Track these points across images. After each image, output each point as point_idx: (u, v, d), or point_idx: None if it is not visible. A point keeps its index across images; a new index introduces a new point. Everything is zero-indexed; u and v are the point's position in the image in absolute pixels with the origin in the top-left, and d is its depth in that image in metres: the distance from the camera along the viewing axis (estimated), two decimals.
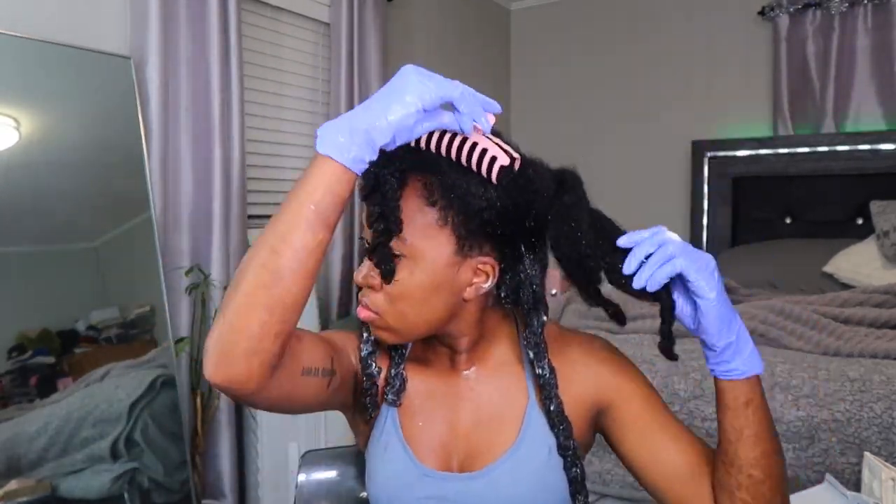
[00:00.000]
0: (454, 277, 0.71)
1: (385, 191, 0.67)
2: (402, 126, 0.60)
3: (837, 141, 2.98)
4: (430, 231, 0.69)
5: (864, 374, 1.49)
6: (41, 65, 1.72)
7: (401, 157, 0.67)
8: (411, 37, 3.26)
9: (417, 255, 0.69)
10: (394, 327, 0.72)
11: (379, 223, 0.68)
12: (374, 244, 0.68)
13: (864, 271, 2.54)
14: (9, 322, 1.63)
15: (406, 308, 0.71)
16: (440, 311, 0.72)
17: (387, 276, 0.69)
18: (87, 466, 1.70)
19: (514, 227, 0.70)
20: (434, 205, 0.68)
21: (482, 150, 0.66)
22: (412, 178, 0.69)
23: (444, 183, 0.68)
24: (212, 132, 2.11)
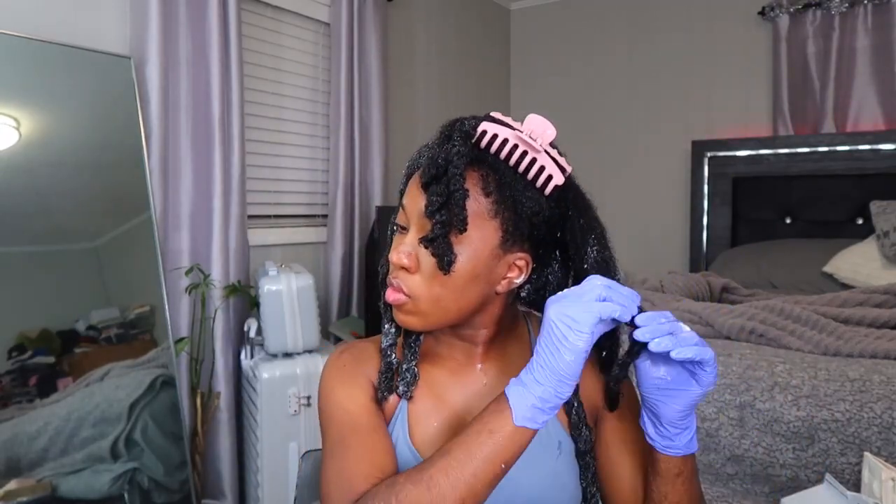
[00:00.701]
0: (493, 268, 0.72)
1: (451, 184, 0.68)
2: (581, 362, 0.62)
3: (837, 141, 2.98)
4: (481, 220, 0.70)
5: (864, 374, 1.49)
6: (41, 65, 1.72)
7: (465, 152, 0.69)
8: (411, 37, 3.26)
9: (466, 242, 0.70)
10: (424, 311, 0.72)
11: (441, 214, 0.68)
12: (435, 235, 0.69)
13: (863, 271, 2.55)
14: (9, 322, 1.63)
15: (443, 293, 0.71)
16: (473, 300, 0.73)
17: (447, 267, 0.69)
18: (87, 466, 1.70)
19: (554, 233, 0.74)
20: (489, 195, 0.69)
21: (540, 166, 0.70)
22: (470, 169, 0.70)
23: (501, 180, 0.70)
24: (212, 132, 2.11)
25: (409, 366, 0.79)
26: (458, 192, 0.68)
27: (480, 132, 0.71)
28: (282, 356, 2.07)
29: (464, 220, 0.68)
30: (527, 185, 0.70)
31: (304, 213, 2.70)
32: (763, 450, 1.52)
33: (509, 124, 0.71)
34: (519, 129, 0.71)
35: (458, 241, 0.69)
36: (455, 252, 0.69)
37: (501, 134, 0.70)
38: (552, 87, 3.97)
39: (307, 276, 2.10)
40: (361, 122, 2.71)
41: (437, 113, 3.43)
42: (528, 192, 0.70)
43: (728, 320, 1.82)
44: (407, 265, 0.72)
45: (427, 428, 0.78)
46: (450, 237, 0.69)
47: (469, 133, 0.71)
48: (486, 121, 0.72)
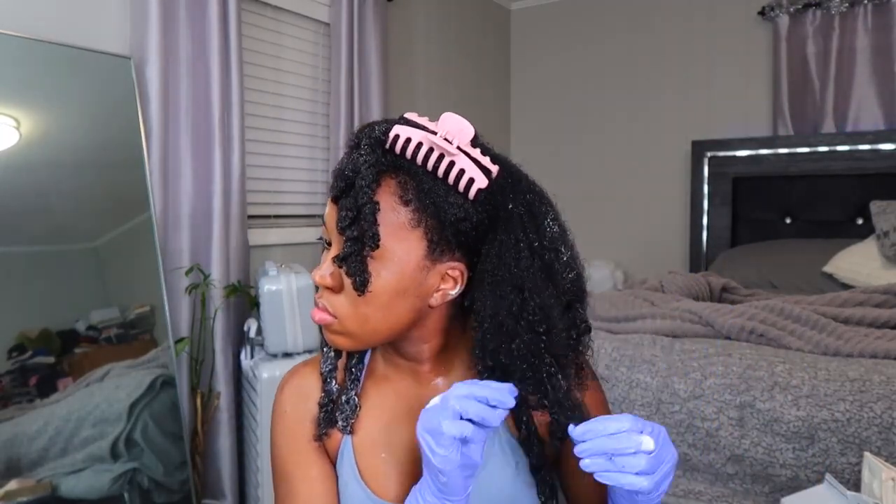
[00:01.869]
0: (422, 282, 0.67)
1: (359, 197, 0.63)
2: (460, 475, 0.60)
3: (837, 141, 2.98)
4: (402, 232, 0.65)
5: (864, 374, 1.49)
6: (41, 65, 1.72)
7: (375, 159, 0.64)
8: (411, 37, 3.26)
9: (386, 256, 0.65)
10: (352, 332, 0.68)
11: (352, 230, 0.64)
12: (346, 253, 0.64)
13: (864, 271, 2.55)
14: (9, 322, 1.63)
15: (370, 312, 0.66)
16: (404, 317, 0.68)
17: (361, 288, 0.65)
18: (87, 466, 1.70)
19: (486, 237, 0.67)
20: (408, 204, 0.64)
21: (459, 170, 0.64)
22: (385, 177, 0.65)
23: (420, 186, 0.64)
24: (212, 132, 2.11)
25: (348, 396, 0.75)
26: (368, 205, 0.63)
27: (393, 137, 0.65)
28: (282, 356, 2.07)
29: (375, 236, 0.63)
30: (449, 189, 0.65)
31: (304, 213, 2.70)
32: (763, 450, 1.52)
33: (424, 126, 0.66)
34: (434, 131, 0.65)
35: (379, 255, 0.65)
36: (369, 271, 0.65)
37: (414, 137, 0.65)
38: (552, 87, 3.97)
39: (307, 276, 2.10)
40: (361, 123, 2.70)
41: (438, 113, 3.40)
42: (450, 197, 0.65)
43: (728, 320, 1.82)
44: (330, 284, 0.68)
45: (374, 459, 0.73)
46: (363, 255, 0.64)
47: (379, 139, 0.66)
48: (400, 124, 0.66)
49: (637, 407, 1.67)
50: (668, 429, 1.63)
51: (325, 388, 0.75)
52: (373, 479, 0.73)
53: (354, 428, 0.75)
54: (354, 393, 0.75)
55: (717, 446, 1.57)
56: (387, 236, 0.64)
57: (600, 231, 3.71)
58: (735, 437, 1.55)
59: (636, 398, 1.68)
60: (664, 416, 1.64)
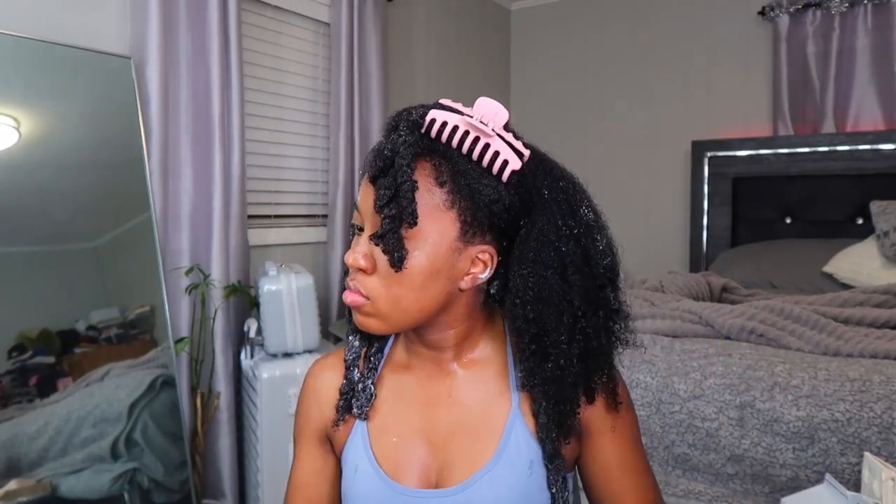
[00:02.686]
0: (454, 263, 0.68)
1: (399, 176, 0.65)
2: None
3: (837, 141, 2.98)
4: (436, 213, 0.66)
5: (864, 374, 1.49)
6: (41, 65, 1.72)
7: (414, 140, 0.66)
8: (411, 37, 3.26)
9: (421, 236, 0.66)
10: (384, 313, 0.69)
11: (390, 208, 0.65)
12: (384, 230, 0.66)
13: (864, 271, 2.55)
14: (9, 322, 1.63)
15: (402, 292, 0.68)
16: (435, 299, 0.69)
17: (398, 264, 0.66)
18: (87, 466, 1.70)
19: (519, 221, 0.70)
20: (443, 185, 0.66)
21: (494, 152, 0.66)
22: (421, 160, 0.67)
23: (455, 168, 0.66)
24: (212, 132, 2.11)
25: (365, 384, 0.77)
26: (406, 183, 0.65)
27: (429, 121, 0.67)
28: (282, 356, 2.07)
29: (413, 213, 0.65)
30: (483, 172, 0.67)
31: (304, 213, 2.70)
32: (763, 450, 1.52)
33: (459, 110, 0.68)
34: (469, 115, 0.67)
35: (413, 235, 0.66)
36: (407, 248, 0.66)
37: (451, 121, 0.67)
38: (552, 87, 3.97)
39: (307, 276, 2.10)
40: (361, 122, 2.71)
41: None
42: (484, 179, 0.67)
43: (728, 320, 1.82)
44: (363, 266, 0.69)
45: (387, 442, 0.76)
46: (400, 232, 0.66)
47: (417, 122, 0.68)
48: (435, 108, 0.69)
49: (637, 407, 1.67)
50: (668, 429, 1.63)
51: (347, 375, 0.78)
52: (385, 462, 0.75)
53: (369, 414, 0.77)
54: (371, 381, 0.78)
55: (717, 446, 1.57)
56: (422, 217, 0.66)
57: None
58: (735, 437, 1.55)
59: (636, 398, 1.68)
60: (664, 416, 1.64)
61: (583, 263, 0.69)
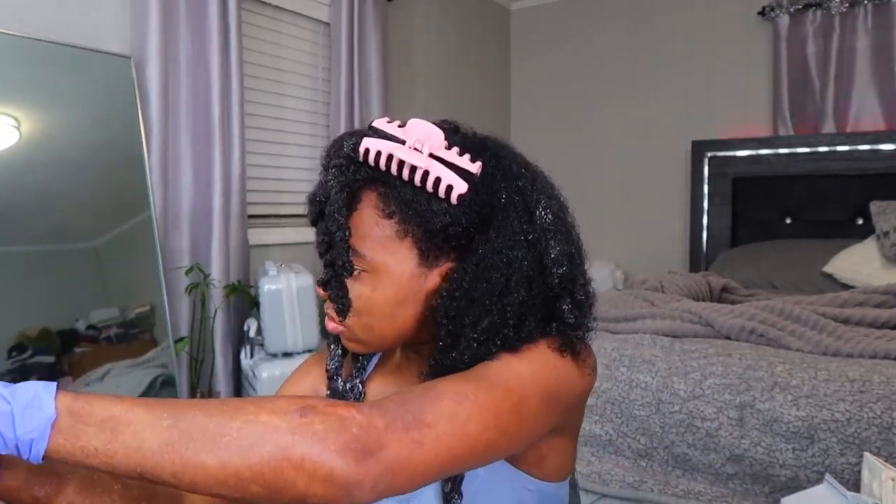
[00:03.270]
0: (420, 288, 0.65)
1: (330, 224, 0.63)
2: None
3: (837, 141, 2.98)
4: (390, 244, 0.64)
5: (864, 375, 1.49)
6: (41, 65, 1.72)
7: (351, 174, 0.63)
8: (411, 37, 3.26)
9: (379, 270, 0.64)
10: (362, 339, 0.69)
11: (329, 255, 0.64)
12: (325, 278, 0.65)
13: (863, 271, 2.55)
14: (9, 322, 1.63)
15: (373, 322, 0.66)
16: (408, 321, 0.67)
17: (343, 313, 0.65)
18: None
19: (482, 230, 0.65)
20: (391, 217, 0.63)
21: (436, 177, 0.61)
22: (365, 192, 0.64)
23: (400, 197, 0.62)
24: (212, 132, 2.11)
25: (353, 384, 0.76)
26: (338, 232, 0.62)
27: (363, 151, 0.63)
28: (281, 356, 2.07)
29: (347, 265, 0.63)
30: (430, 197, 0.62)
31: (303, 212, 2.69)
32: (763, 450, 1.52)
33: (392, 135, 0.63)
34: (402, 140, 0.62)
35: (372, 269, 0.64)
36: (349, 296, 0.65)
37: (384, 150, 0.62)
38: (552, 87, 3.97)
39: (307, 275, 2.10)
40: (361, 123, 2.71)
41: (438, 113, 3.42)
42: (433, 204, 0.62)
43: (728, 320, 1.82)
44: (326, 297, 0.68)
45: None
46: (342, 280, 0.64)
47: (350, 156, 0.63)
48: (368, 135, 0.64)
49: (637, 407, 1.67)
50: (668, 429, 1.63)
51: (330, 385, 0.77)
52: None
53: None
54: (359, 381, 0.77)
55: (717, 446, 1.57)
56: (375, 251, 0.64)
57: (600, 231, 3.70)
58: (735, 437, 1.55)
59: (636, 398, 1.68)
60: (664, 416, 1.64)
61: (535, 272, 0.64)
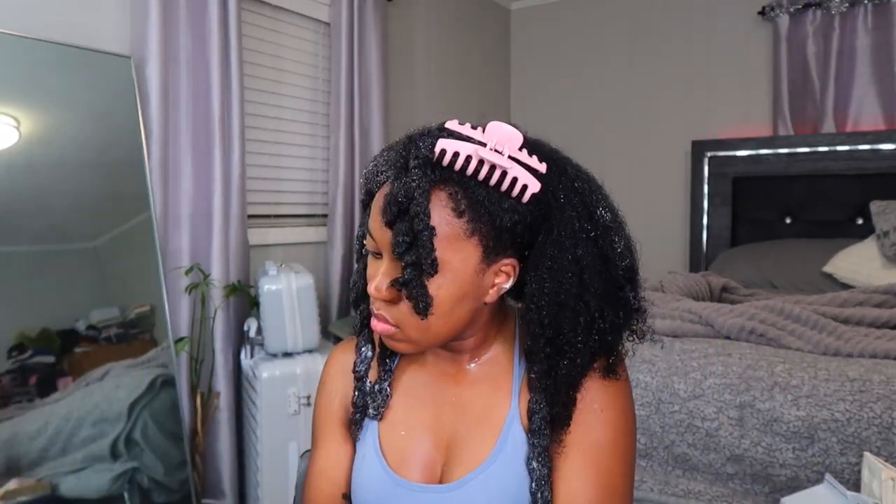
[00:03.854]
0: (479, 284, 0.68)
1: (415, 224, 0.63)
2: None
3: (837, 141, 2.98)
4: (457, 242, 0.65)
5: (864, 374, 1.49)
6: (41, 64, 1.72)
7: (427, 177, 0.64)
8: (411, 37, 3.26)
9: (445, 268, 0.65)
10: (415, 339, 0.70)
11: (410, 255, 0.64)
12: (406, 278, 0.64)
13: (863, 271, 2.55)
14: (9, 322, 1.63)
15: (432, 320, 0.67)
16: (464, 319, 0.70)
17: (424, 312, 0.66)
18: (87, 466, 1.70)
19: (540, 231, 0.69)
20: (462, 216, 0.65)
21: (513, 178, 0.65)
22: (436, 190, 0.65)
23: (472, 197, 0.64)
24: (212, 132, 2.11)
25: (381, 386, 0.78)
26: (425, 232, 0.63)
27: (439, 152, 0.64)
28: (282, 356, 2.07)
29: (434, 263, 0.64)
30: (501, 196, 0.65)
31: (304, 212, 2.70)
32: (763, 449, 1.52)
33: (469, 136, 0.66)
34: (480, 141, 0.65)
35: (440, 268, 0.65)
36: (431, 295, 0.65)
37: (463, 151, 0.64)
38: (552, 87, 3.97)
39: (307, 275, 2.10)
40: (361, 122, 2.71)
41: (438, 113, 3.43)
42: (503, 203, 0.65)
43: (728, 320, 1.82)
44: (387, 298, 0.68)
45: (395, 437, 0.77)
46: (423, 279, 0.65)
47: (427, 157, 0.65)
48: (443, 136, 0.66)
49: (637, 407, 1.67)
50: (668, 428, 1.63)
51: (358, 388, 0.79)
52: (391, 455, 0.76)
53: (382, 415, 0.78)
54: (387, 383, 0.79)
55: (717, 446, 1.57)
56: (443, 249, 0.65)
57: None
58: (735, 437, 1.55)
59: (636, 398, 1.68)
60: (664, 415, 1.64)
61: (601, 266, 0.69)
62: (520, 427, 0.73)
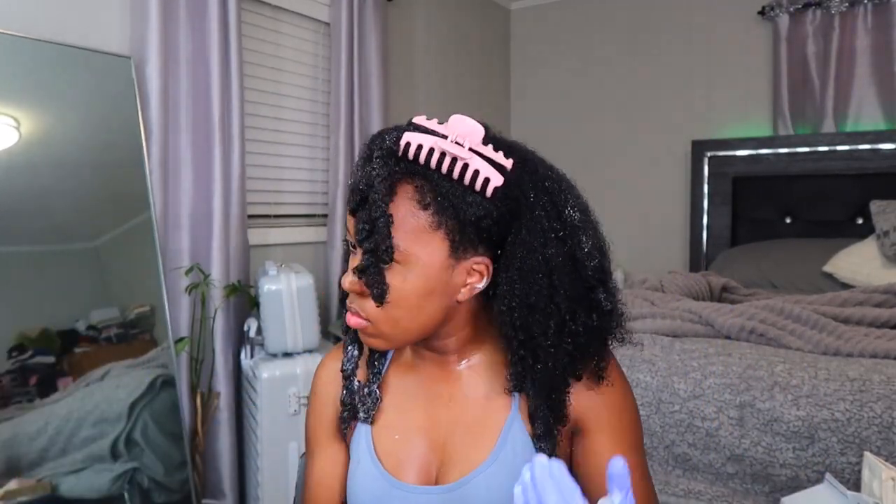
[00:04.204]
0: (448, 280, 0.68)
1: (373, 211, 0.64)
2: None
3: (837, 141, 2.98)
4: (423, 235, 0.66)
5: (864, 374, 1.49)
6: (41, 65, 1.72)
7: (389, 171, 0.65)
8: (411, 37, 3.26)
9: (411, 261, 0.67)
10: (386, 334, 0.70)
11: (368, 243, 0.65)
12: (363, 265, 0.66)
13: (863, 271, 2.55)
14: (9, 322, 1.63)
15: (400, 314, 0.68)
16: (435, 315, 0.70)
17: (379, 299, 0.67)
18: (87, 466, 1.70)
19: (509, 230, 0.69)
20: (427, 208, 0.66)
21: (474, 171, 0.65)
22: (402, 183, 0.66)
23: (437, 189, 0.65)
24: (212, 132, 2.11)
25: (370, 389, 0.78)
26: (381, 219, 0.64)
27: (404, 144, 0.66)
28: (282, 356, 2.07)
29: (389, 250, 0.65)
30: (466, 189, 0.66)
31: (304, 212, 2.70)
32: (763, 449, 1.52)
33: (433, 130, 0.67)
34: (444, 135, 0.66)
35: (403, 259, 0.66)
36: (387, 282, 0.67)
37: (426, 143, 0.65)
38: (552, 87, 3.97)
39: (307, 275, 2.10)
40: (361, 122, 2.71)
41: (438, 113, 3.40)
42: (468, 196, 0.66)
43: (728, 320, 1.82)
44: (358, 290, 0.69)
45: (389, 440, 0.77)
46: (380, 267, 0.66)
47: (391, 149, 0.66)
48: (409, 130, 0.68)
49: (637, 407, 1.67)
50: (668, 428, 1.63)
51: (346, 386, 0.79)
52: (386, 458, 0.76)
53: (374, 419, 0.78)
54: (376, 385, 0.79)
55: (717, 446, 1.57)
56: (409, 242, 0.66)
57: None
58: (735, 436, 1.55)
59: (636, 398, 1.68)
60: (664, 415, 1.64)
61: (570, 266, 0.69)
62: (521, 428, 0.73)
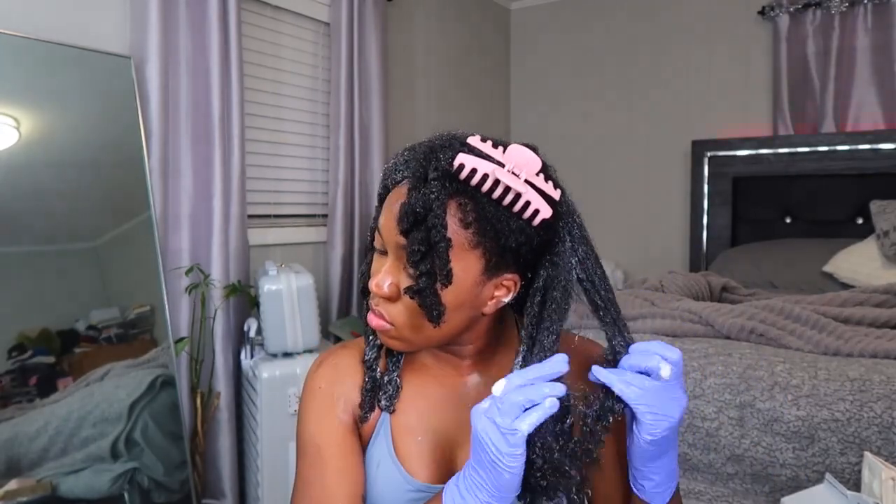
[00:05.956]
0: (478, 295, 0.69)
1: (433, 235, 0.64)
2: (520, 473, 0.61)
3: (837, 141, 2.98)
4: (460, 252, 0.66)
5: (864, 374, 1.49)
6: (41, 65, 1.72)
7: (446, 190, 0.65)
8: (411, 36, 3.26)
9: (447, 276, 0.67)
10: (408, 338, 0.71)
11: (424, 265, 0.65)
12: (420, 287, 0.66)
13: (864, 271, 2.55)
14: (9, 322, 1.63)
15: (426, 323, 0.68)
16: (459, 326, 0.71)
17: (436, 320, 0.67)
18: (87, 466, 1.70)
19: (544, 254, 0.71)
20: (468, 227, 0.65)
21: (525, 202, 0.66)
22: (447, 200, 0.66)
23: (481, 210, 0.65)
24: (212, 132, 2.11)
25: (391, 377, 0.77)
26: (441, 243, 0.64)
27: (458, 166, 0.65)
28: (282, 356, 2.07)
29: (449, 274, 0.65)
30: (511, 216, 0.66)
31: (304, 213, 2.70)
32: (763, 449, 1.52)
33: (489, 155, 0.67)
34: (499, 162, 0.66)
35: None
36: (444, 304, 0.67)
37: (481, 168, 0.65)
38: (552, 87, 3.97)
39: (307, 275, 2.10)
40: (361, 122, 2.71)
41: (437, 112, 3.43)
42: (511, 223, 0.66)
43: (728, 320, 1.82)
44: (388, 295, 0.69)
45: (411, 442, 0.77)
46: (436, 288, 0.66)
47: (447, 171, 0.65)
48: (463, 153, 0.67)
49: None
50: None
51: (369, 374, 0.78)
52: (407, 460, 0.76)
53: (395, 408, 0.77)
54: (396, 374, 0.78)
55: (717, 446, 1.57)
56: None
57: (600, 231, 3.69)
58: (735, 436, 1.55)
59: None
60: None
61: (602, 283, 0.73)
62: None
